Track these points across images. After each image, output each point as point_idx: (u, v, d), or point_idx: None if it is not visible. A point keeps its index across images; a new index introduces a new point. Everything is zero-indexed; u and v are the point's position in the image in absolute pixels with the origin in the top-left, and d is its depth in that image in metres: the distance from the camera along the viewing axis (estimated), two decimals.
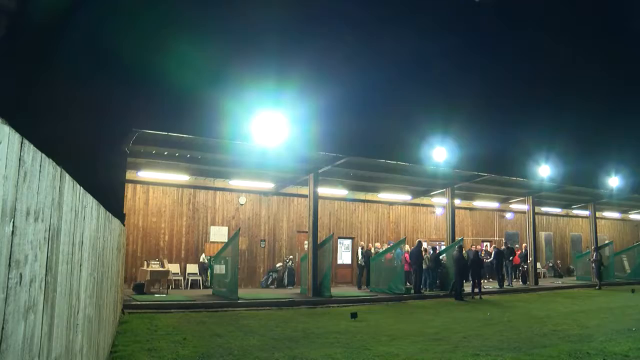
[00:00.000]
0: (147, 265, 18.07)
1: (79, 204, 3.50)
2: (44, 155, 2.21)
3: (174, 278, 19.17)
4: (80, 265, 3.75)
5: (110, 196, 13.01)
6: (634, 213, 36.31)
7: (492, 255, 23.99)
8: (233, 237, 17.45)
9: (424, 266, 20.45)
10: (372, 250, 22.10)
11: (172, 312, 13.86)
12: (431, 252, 21.25)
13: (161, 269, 17.95)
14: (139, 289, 16.89)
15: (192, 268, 20.36)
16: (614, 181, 26.38)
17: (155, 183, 20.12)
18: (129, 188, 19.06)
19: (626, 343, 9.89)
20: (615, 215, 36.64)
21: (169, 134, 14.66)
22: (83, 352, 4.13)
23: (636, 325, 12.34)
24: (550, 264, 31.49)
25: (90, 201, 4.29)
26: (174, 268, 19.54)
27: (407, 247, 21.20)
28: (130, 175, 18.00)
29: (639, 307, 16.79)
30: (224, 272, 17.54)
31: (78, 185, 3.44)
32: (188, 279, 19.98)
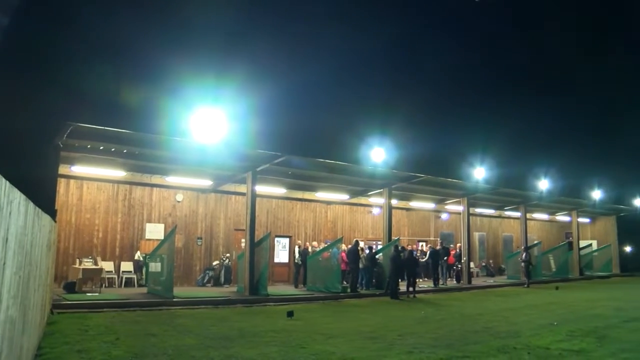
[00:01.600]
0: (79, 263, 17.52)
1: (4, 199, 3.38)
2: None
3: (107, 276, 18.71)
4: (4, 264, 3.62)
5: (41, 191, 12.60)
6: (561, 215, 37.89)
7: (428, 255, 24.46)
8: (169, 235, 17.19)
9: (360, 265, 20.65)
10: (309, 249, 22.14)
11: (104, 312, 13.53)
12: (367, 251, 21.47)
13: (94, 267, 17.45)
14: (70, 287, 16.40)
15: (126, 266, 19.91)
16: (543, 184, 27.43)
17: (89, 178, 19.55)
18: (61, 183, 18.47)
19: (548, 337, 10.65)
20: (543, 216, 38.18)
21: (105, 128, 14.26)
22: (2, 356, 3.98)
23: (558, 319, 13.32)
24: (483, 264, 32.43)
25: (17, 196, 4.15)
26: (108, 266, 19.05)
27: (344, 247, 21.36)
28: (63, 170, 17.44)
29: (562, 303, 17.88)
30: (159, 270, 17.25)
31: (3, 180, 3.33)
32: (122, 277, 19.54)
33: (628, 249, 41.05)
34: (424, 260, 24.91)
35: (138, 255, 20.13)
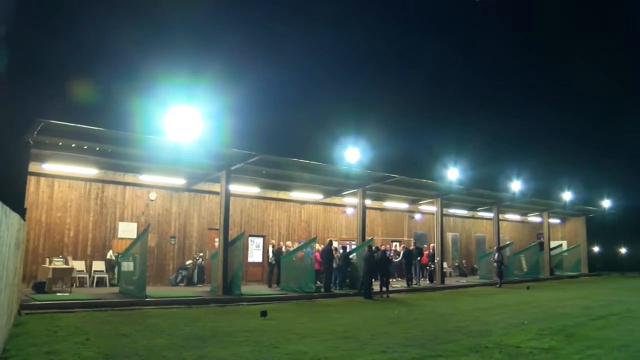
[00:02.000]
0: (50, 263, 17.25)
1: None
2: None
3: (78, 276, 18.46)
4: None
5: (10, 189, 12.41)
6: (532, 215, 38.46)
7: (401, 255, 24.62)
8: (142, 234, 17.03)
9: (334, 265, 20.69)
10: (283, 249, 22.14)
11: (75, 312, 13.34)
12: (341, 251, 21.50)
13: (65, 266, 17.19)
14: (40, 287, 16.13)
15: (98, 265, 19.68)
16: (515, 185, 27.79)
17: (61, 176, 19.28)
18: (31, 181, 18.21)
19: (519, 336, 10.84)
20: (516, 217, 38.69)
21: (77, 125, 14.06)
22: None
23: (529, 318, 13.56)
24: (456, 264, 32.73)
25: None
26: (79, 265, 18.82)
27: (317, 246, 21.38)
28: (33, 167, 17.17)
29: (532, 302, 18.21)
30: (132, 269, 17.09)
31: None
32: (94, 277, 19.32)
33: (596, 249, 41.92)
34: (397, 260, 25.04)
35: (110, 255, 19.91)
